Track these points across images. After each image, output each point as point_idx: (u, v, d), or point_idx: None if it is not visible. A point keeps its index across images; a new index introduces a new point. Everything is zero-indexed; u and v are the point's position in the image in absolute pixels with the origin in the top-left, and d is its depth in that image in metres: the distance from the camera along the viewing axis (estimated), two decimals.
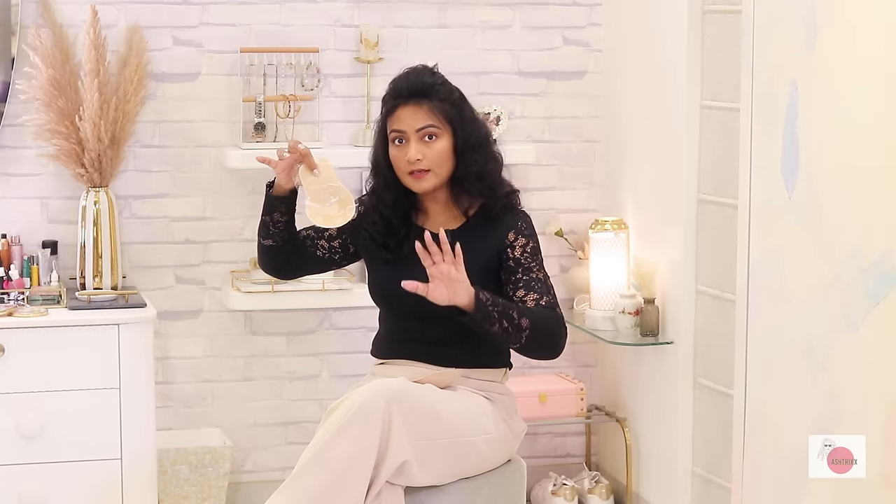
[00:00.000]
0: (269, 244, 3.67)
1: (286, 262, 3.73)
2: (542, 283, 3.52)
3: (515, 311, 3.41)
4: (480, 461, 3.52)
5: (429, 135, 3.54)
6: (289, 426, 4.80)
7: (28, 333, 4.14)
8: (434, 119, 3.54)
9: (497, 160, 3.64)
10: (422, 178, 3.55)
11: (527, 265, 3.54)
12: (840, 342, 3.18)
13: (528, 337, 3.41)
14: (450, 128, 3.56)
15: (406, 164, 3.55)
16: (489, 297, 3.38)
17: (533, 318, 3.42)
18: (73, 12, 4.48)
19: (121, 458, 4.20)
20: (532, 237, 3.58)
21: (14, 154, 4.52)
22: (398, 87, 3.58)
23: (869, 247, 3.08)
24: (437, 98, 3.55)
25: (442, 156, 3.55)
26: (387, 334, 3.69)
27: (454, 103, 3.58)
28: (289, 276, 3.97)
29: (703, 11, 4.33)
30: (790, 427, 3.38)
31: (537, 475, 4.80)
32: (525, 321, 3.41)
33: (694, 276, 4.42)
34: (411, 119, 3.55)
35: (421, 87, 3.56)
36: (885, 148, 3.02)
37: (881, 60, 3.02)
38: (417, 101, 3.55)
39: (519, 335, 3.41)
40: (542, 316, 3.45)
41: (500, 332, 3.40)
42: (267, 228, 3.65)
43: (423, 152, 3.54)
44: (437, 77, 3.60)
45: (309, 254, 3.72)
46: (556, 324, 3.47)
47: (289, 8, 4.68)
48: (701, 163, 4.37)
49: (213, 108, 4.64)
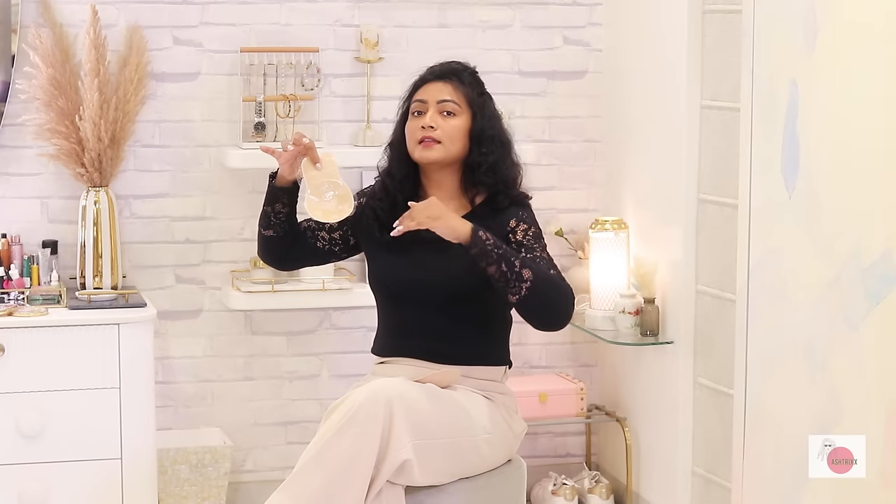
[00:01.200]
0: (270, 234, 3.67)
1: (286, 254, 3.73)
2: (545, 260, 3.51)
3: (518, 259, 3.40)
4: (481, 461, 3.52)
5: (448, 111, 3.59)
6: (289, 426, 4.80)
7: (28, 333, 4.14)
8: (457, 97, 3.60)
9: (516, 164, 3.66)
10: (430, 147, 3.57)
11: (529, 245, 3.54)
12: (840, 342, 3.18)
13: (529, 290, 3.38)
14: (470, 111, 3.60)
15: (420, 130, 3.58)
16: (491, 237, 3.40)
17: (537, 271, 3.41)
18: (74, 12, 4.48)
19: (121, 457, 4.20)
20: (534, 224, 3.59)
21: (14, 154, 4.52)
22: (430, 69, 3.68)
23: (869, 247, 3.08)
24: (465, 82, 3.62)
25: (455, 132, 3.58)
26: (386, 330, 3.69)
27: (481, 93, 3.65)
28: (288, 268, 4.00)
29: (703, 11, 4.33)
30: (790, 427, 3.38)
31: (537, 475, 4.80)
32: (528, 272, 3.39)
33: (694, 275, 4.42)
34: (435, 91, 3.61)
35: (452, 69, 3.65)
36: (885, 147, 3.02)
37: (881, 60, 3.03)
38: (446, 80, 3.62)
39: (519, 285, 3.38)
40: (547, 274, 3.44)
41: (498, 276, 3.39)
42: (268, 219, 3.65)
43: (438, 122, 3.57)
44: (469, 68, 3.68)
45: (309, 245, 3.72)
46: (561, 286, 3.45)
47: (289, 7, 4.68)
48: (701, 163, 4.37)
49: (213, 107, 4.65)
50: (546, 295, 3.42)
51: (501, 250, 3.40)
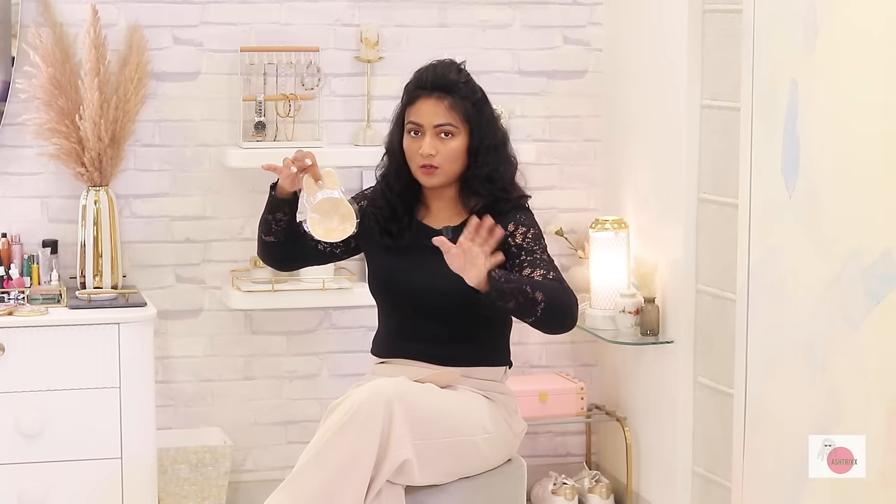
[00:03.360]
0: (271, 240, 3.67)
1: (286, 255, 3.74)
2: (546, 262, 3.51)
3: (528, 285, 3.39)
4: (481, 460, 3.52)
5: (445, 132, 3.55)
6: (289, 425, 4.80)
7: (28, 332, 4.14)
8: (453, 118, 3.54)
9: (511, 163, 3.64)
10: (432, 174, 3.56)
11: (529, 248, 3.53)
12: (840, 341, 3.18)
13: (543, 310, 3.38)
14: (467, 127, 3.56)
15: (419, 157, 3.56)
16: (501, 273, 3.36)
17: (547, 290, 3.40)
18: (74, 11, 4.48)
19: (121, 457, 4.20)
20: (533, 226, 3.57)
21: (14, 153, 4.52)
22: (422, 79, 3.58)
23: (869, 246, 3.08)
24: (460, 96, 3.55)
25: (455, 154, 3.55)
26: (386, 331, 3.69)
27: (475, 103, 3.58)
28: (289, 268, 4.00)
29: (703, 11, 4.33)
30: (790, 426, 3.38)
31: (537, 474, 4.80)
32: (539, 294, 3.38)
33: (694, 275, 4.42)
34: (431, 114, 3.55)
35: (445, 83, 3.55)
36: (886, 147, 3.02)
37: (882, 60, 3.02)
38: (439, 96, 3.55)
39: (534, 308, 3.38)
40: (554, 288, 3.43)
41: (515, 308, 3.38)
42: (269, 226, 3.65)
43: (437, 148, 3.54)
44: (462, 74, 3.60)
45: (310, 247, 3.71)
46: (568, 295, 3.45)
47: (289, 7, 4.68)
48: (701, 162, 4.37)
49: (213, 107, 4.65)
50: (557, 309, 3.42)
51: (514, 283, 3.37)
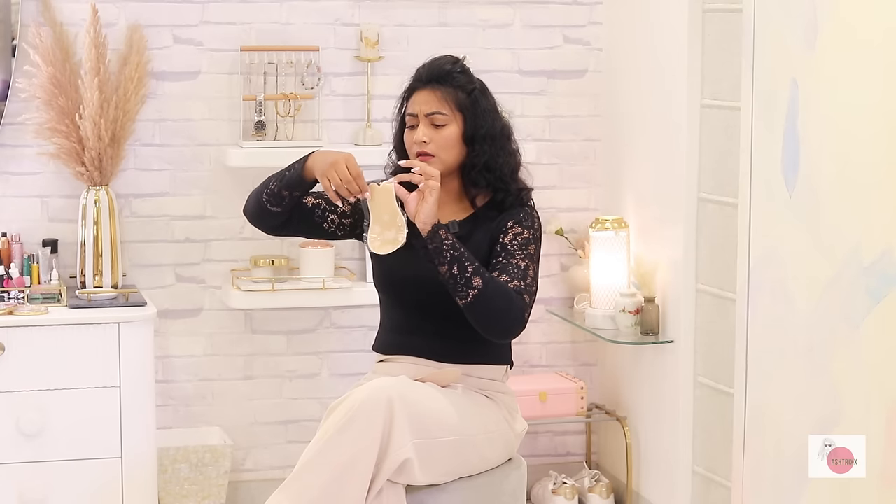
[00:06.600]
0: (277, 210, 3.62)
1: (282, 225, 3.68)
2: (519, 269, 3.48)
3: (472, 267, 3.40)
4: (481, 460, 3.52)
5: (437, 122, 3.58)
6: (289, 425, 4.80)
7: (28, 332, 4.14)
8: (444, 106, 3.57)
9: (513, 155, 3.65)
10: (428, 162, 3.56)
11: (511, 251, 3.52)
12: (840, 341, 3.18)
13: (475, 297, 3.38)
14: (460, 116, 3.58)
15: (414, 145, 3.58)
16: (451, 238, 3.40)
17: (490, 285, 3.40)
18: (74, 11, 4.48)
19: (121, 456, 4.20)
20: (529, 229, 3.56)
21: (14, 152, 4.52)
22: (418, 73, 3.65)
23: (869, 245, 3.08)
24: (453, 86, 3.59)
25: (448, 142, 3.57)
26: (388, 327, 3.69)
27: (470, 93, 3.60)
28: (278, 235, 3.84)
29: (703, 10, 4.33)
30: (790, 426, 3.38)
31: (538, 474, 4.81)
32: (478, 280, 3.38)
33: (694, 274, 4.42)
34: (423, 103, 3.59)
35: (438, 74, 3.61)
36: (886, 147, 3.02)
37: (882, 59, 3.02)
38: (433, 87, 3.60)
39: (466, 291, 3.38)
40: (501, 289, 3.41)
41: (447, 277, 3.39)
42: (281, 199, 3.59)
43: (431, 136, 3.57)
44: (457, 66, 3.63)
45: (314, 223, 3.68)
46: (511, 302, 3.41)
47: (289, 6, 4.68)
48: (701, 162, 4.37)
49: (213, 106, 4.65)
50: (492, 308, 3.40)
51: (457, 253, 3.39)
